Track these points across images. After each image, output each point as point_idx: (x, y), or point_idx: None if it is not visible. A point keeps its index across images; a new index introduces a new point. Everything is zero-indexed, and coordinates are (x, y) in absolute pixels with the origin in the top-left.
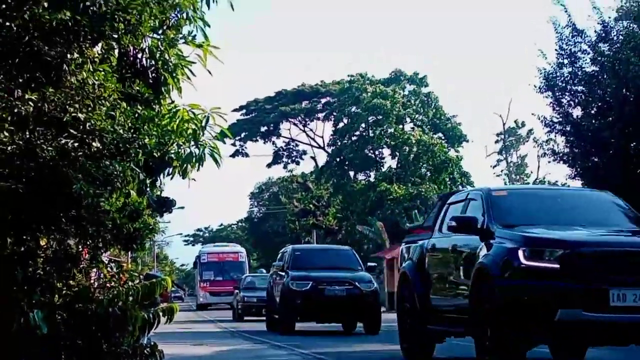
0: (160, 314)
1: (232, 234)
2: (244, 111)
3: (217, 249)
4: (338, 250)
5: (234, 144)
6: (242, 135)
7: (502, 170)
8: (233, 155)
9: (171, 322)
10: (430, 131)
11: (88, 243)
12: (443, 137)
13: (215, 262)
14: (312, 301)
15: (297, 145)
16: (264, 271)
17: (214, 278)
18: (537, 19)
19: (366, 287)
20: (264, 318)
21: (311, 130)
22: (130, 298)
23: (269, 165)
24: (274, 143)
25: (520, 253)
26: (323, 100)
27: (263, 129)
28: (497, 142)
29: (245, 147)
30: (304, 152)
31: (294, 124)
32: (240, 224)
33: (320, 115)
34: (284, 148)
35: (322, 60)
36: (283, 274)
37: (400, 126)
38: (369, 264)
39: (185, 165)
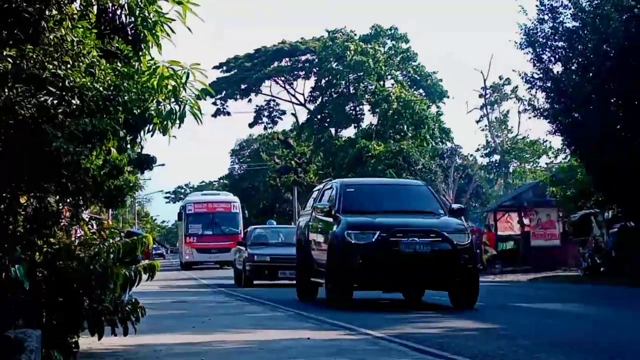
0: (142, 271)
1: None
2: (224, 68)
3: (205, 198)
4: (407, 186)
5: (215, 103)
6: (223, 93)
7: (485, 126)
8: (215, 115)
9: (152, 279)
10: (411, 88)
11: (68, 201)
12: (423, 94)
13: (204, 214)
14: (380, 260)
15: (278, 104)
16: (274, 223)
17: (202, 232)
18: None
19: (459, 240)
20: (285, 282)
21: (292, 87)
22: (112, 255)
23: (250, 125)
24: (251, 101)
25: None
26: (303, 58)
27: (244, 86)
28: (480, 96)
29: (227, 106)
30: (284, 112)
31: (275, 81)
32: (221, 181)
33: (301, 72)
34: (264, 107)
35: (301, 15)
36: (328, 219)
37: (381, 82)
38: (453, 205)
39: (165, 122)
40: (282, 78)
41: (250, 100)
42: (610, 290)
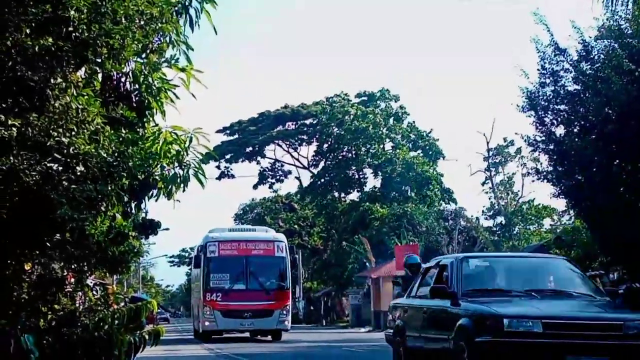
0: (146, 337)
1: None
2: (227, 132)
3: (237, 235)
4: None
5: (218, 167)
6: (228, 156)
7: (489, 188)
8: (219, 178)
9: (157, 345)
10: (409, 149)
11: (73, 267)
12: (422, 154)
13: (234, 258)
14: None
15: (282, 165)
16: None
17: (230, 286)
18: (519, 38)
19: None
20: None
21: (295, 150)
22: (116, 322)
23: (255, 187)
24: (259, 163)
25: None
26: (307, 122)
27: (248, 149)
28: (484, 159)
29: (231, 169)
30: (289, 172)
31: (279, 145)
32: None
33: (304, 137)
34: (269, 169)
35: (303, 79)
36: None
37: (382, 146)
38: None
39: (170, 186)
40: (286, 142)
41: (259, 162)
42: None
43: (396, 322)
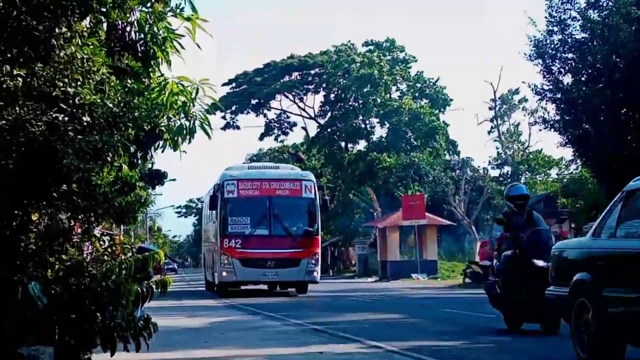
0: (154, 287)
1: None
2: (233, 84)
3: (258, 173)
4: None
5: (224, 117)
6: (233, 108)
7: (496, 137)
8: (224, 128)
9: (165, 295)
10: (417, 98)
11: (80, 217)
12: (429, 103)
13: (256, 199)
14: None
15: (288, 116)
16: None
17: (252, 231)
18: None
19: None
20: None
21: (302, 101)
22: (124, 272)
23: (260, 138)
24: (265, 115)
25: None
26: (312, 72)
27: (254, 101)
28: (490, 108)
29: (237, 120)
30: (295, 124)
31: (285, 95)
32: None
33: (311, 87)
34: (275, 120)
35: (310, 32)
36: None
37: (388, 95)
38: None
39: (176, 137)
40: (292, 93)
41: (265, 115)
42: None
43: (576, 277)
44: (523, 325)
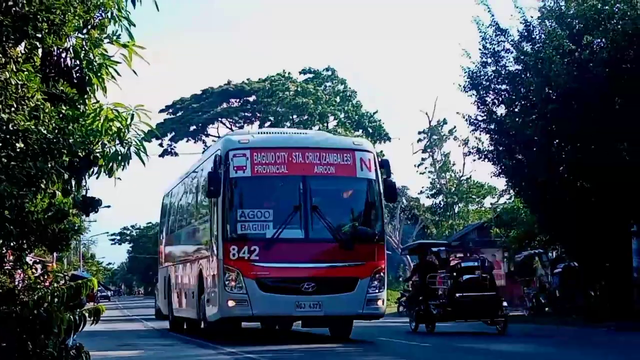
0: (86, 315)
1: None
2: (170, 110)
3: (283, 140)
4: None
5: (161, 144)
6: (171, 134)
7: (425, 168)
8: (162, 155)
9: (97, 323)
10: (354, 129)
11: (12, 244)
12: (365, 135)
13: (281, 181)
14: None
15: None
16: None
17: (276, 233)
18: (461, 18)
19: None
20: None
21: (240, 128)
22: (56, 300)
23: None
24: (203, 142)
25: None
26: (251, 99)
27: (192, 128)
28: (419, 141)
29: (175, 147)
30: None
31: (222, 122)
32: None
33: (248, 114)
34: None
35: (248, 55)
36: None
37: (325, 124)
38: None
39: (110, 164)
40: (230, 119)
41: (203, 142)
42: (555, 330)
43: None
44: None
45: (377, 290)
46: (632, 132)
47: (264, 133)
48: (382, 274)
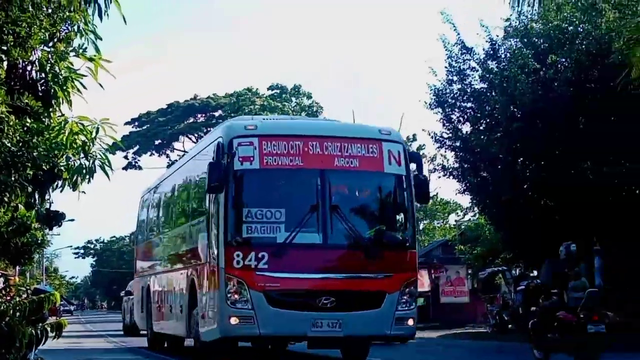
0: (48, 329)
1: (124, 246)
2: (136, 123)
3: (298, 126)
4: None
5: (126, 157)
6: (136, 148)
7: None
8: (126, 168)
9: (59, 338)
10: None
11: None
12: None
13: (296, 175)
14: None
15: None
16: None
17: (289, 237)
18: (428, 36)
19: None
20: None
21: None
22: (18, 314)
23: None
24: (168, 156)
25: None
26: (216, 114)
27: (157, 142)
28: None
29: (139, 160)
30: None
31: (188, 137)
32: (132, 236)
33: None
34: (177, 162)
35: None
36: None
37: None
38: None
39: (75, 177)
40: (196, 134)
41: (167, 156)
42: (517, 347)
43: None
44: None
45: (407, 307)
46: (596, 151)
47: (273, 119)
48: (413, 287)
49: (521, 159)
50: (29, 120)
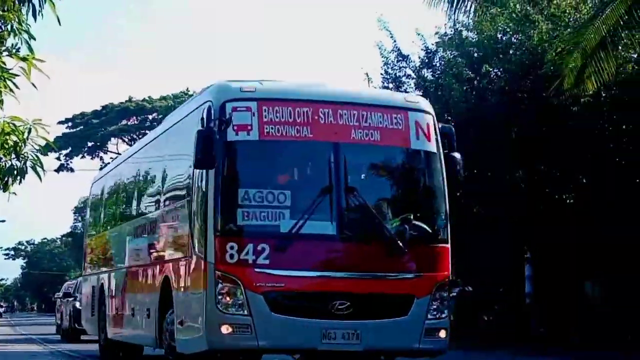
0: None
1: (56, 248)
2: (70, 124)
3: (307, 91)
4: None
5: (58, 158)
6: (68, 150)
7: None
8: (58, 170)
9: None
10: None
11: None
12: None
13: (303, 150)
14: None
15: None
16: None
17: (295, 226)
18: (364, 43)
19: None
20: None
21: None
22: None
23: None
24: (101, 158)
25: None
26: (150, 117)
27: (90, 144)
28: None
29: (71, 162)
30: None
31: (122, 139)
32: (64, 238)
33: (148, 131)
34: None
35: (149, 75)
36: None
37: None
38: None
39: (6, 178)
40: (129, 136)
41: (101, 158)
42: (451, 355)
43: None
44: None
45: (439, 315)
46: (528, 161)
47: (292, 85)
48: (445, 291)
49: None
50: None
